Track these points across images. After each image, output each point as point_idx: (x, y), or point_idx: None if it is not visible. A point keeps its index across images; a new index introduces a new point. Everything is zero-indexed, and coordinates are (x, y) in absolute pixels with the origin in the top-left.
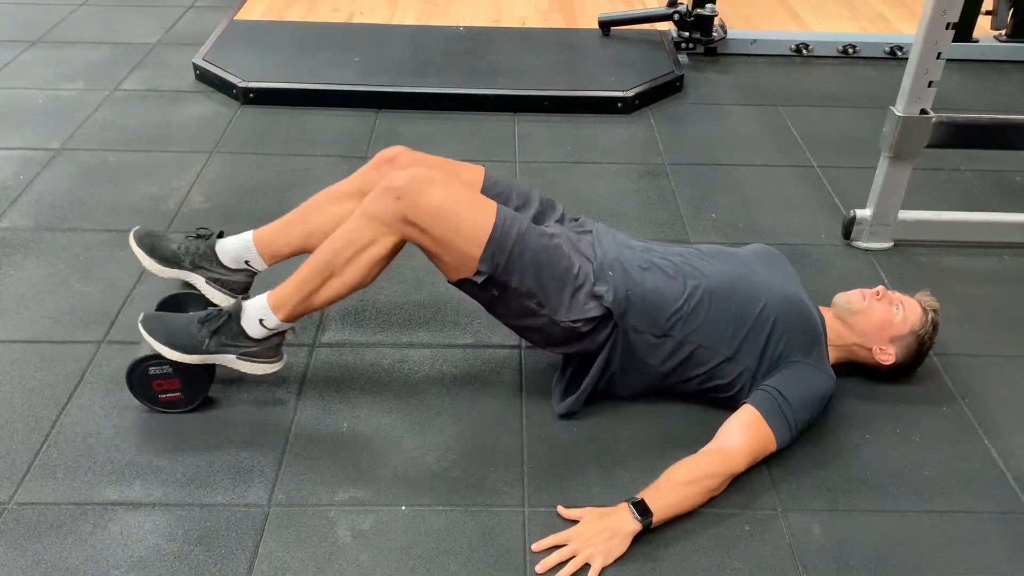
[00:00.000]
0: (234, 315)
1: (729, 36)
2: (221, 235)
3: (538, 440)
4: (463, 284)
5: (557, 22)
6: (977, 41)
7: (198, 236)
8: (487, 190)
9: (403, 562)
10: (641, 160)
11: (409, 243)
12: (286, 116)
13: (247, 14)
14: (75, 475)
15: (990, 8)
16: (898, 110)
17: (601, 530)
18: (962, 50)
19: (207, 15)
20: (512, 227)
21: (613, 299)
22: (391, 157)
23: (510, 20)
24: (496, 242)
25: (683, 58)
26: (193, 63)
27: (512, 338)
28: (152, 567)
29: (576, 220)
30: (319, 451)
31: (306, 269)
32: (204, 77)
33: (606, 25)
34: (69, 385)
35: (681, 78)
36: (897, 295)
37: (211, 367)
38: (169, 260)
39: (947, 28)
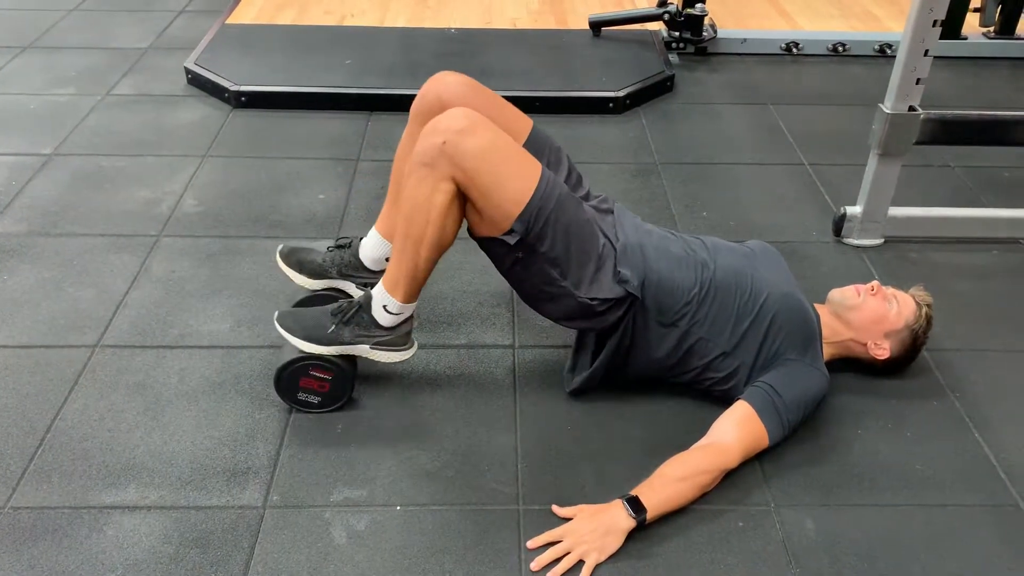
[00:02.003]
0: (364, 305)
1: (719, 35)
2: (361, 239)
3: (532, 439)
4: (490, 242)
5: (548, 23)
6: (966, 38)
7: (339, 246)
8: (533, 138)
9: (398, 562)
10: (633, 160)
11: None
12: (278, 119)
13: (238, 18)
14: (70, 479)
15: (978, 5)
16: (887, 107)
17: (595, 527)
18: (951, 47)
19: (198, 19)
20: (554, 191)
21: (636, 284)
22: (437, 79)
23: (501, 21)
24: (536, 203)
25: (674, 58)
26: (185, 67)
27: (506, 338)
28: (148, 570)
29: (599, 197)
30: (314, 452)
31: (397, 244)
32: (196, 81)
33: (597, 26)
34: (64, 389)
35: (672, 78)
36: (891, 290)
37: (353, 361)
38: (317, 273)
39: (934, 25)
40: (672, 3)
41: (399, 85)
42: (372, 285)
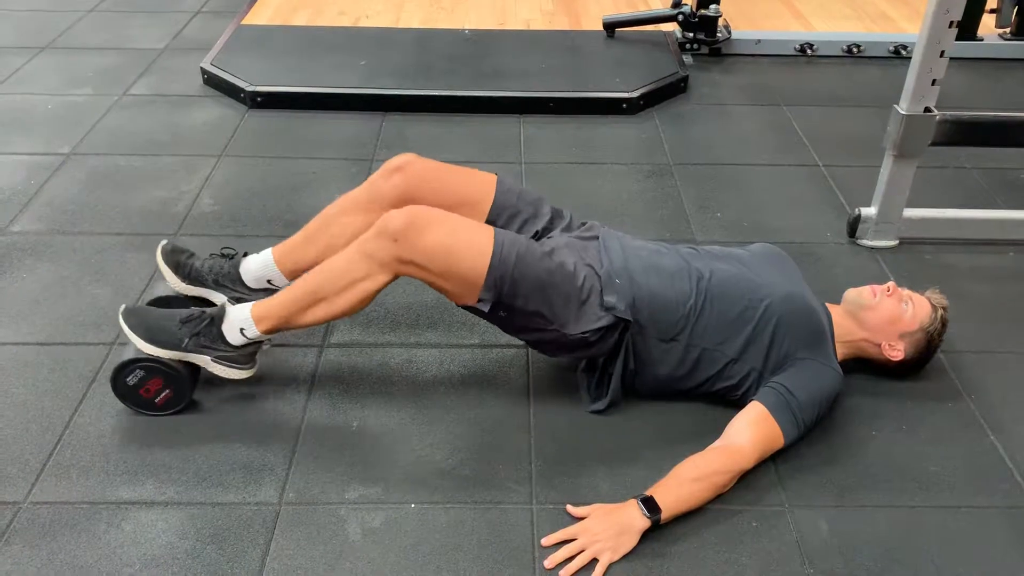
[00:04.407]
0: (216, 320)
1: (733, 36)
2: (246, 255)
3: (545, 438)
4: (469, 309)
5: (562, 24)
6: (982, 39)
7: (223, 255)
8: (500, 197)
9: (413, 559)
10: (646, 160)
11: None
12: (293, 120)
13: (254, 19)
14: (88, 474)
15: (994, 6)
16: (902, 108)
17: (610, 526)
18: (966, 48)
19: (214, 20)
20: (511, 252)
21: (624, 308)
22: (400, 166)
23: (515, 22)
24: (496, 269)
25: (688, 59)
26: (201, 68)
27: None
28: (165, 565)
29: (583, 225)
30: (329, 450)
31: (297, 290)
32: (212, 81)
33: (611, 26)
34: (82, 386)
35: (686, 79)
36: (907, 292)
37: (196, 369)
38: (193, 278)
39: (950, 27)
40: (686, 4)
41: (413, 86)
42: (243, 301)
